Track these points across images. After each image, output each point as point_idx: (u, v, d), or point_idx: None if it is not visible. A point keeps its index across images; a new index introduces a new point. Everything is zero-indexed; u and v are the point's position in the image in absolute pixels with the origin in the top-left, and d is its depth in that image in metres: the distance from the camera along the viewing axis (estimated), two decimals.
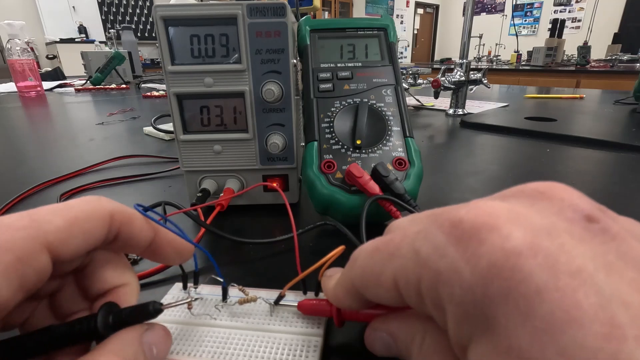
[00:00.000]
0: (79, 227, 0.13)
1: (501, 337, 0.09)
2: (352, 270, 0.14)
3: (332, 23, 0.35)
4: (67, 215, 0.13)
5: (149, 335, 0.14)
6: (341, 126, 0.31)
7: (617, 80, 2.45)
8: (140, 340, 0.14)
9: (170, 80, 0.30)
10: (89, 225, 0.14)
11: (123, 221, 0.15)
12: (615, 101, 0.91)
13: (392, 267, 0.12)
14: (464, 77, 0.79)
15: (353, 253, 0.15)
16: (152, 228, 0.16)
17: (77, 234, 0.13)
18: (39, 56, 3.41)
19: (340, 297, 0.16)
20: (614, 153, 0.51)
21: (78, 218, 0.14)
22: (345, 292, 0.15)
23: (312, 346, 0.17)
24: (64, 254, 0.13)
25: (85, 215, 0.14)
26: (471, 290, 0.09)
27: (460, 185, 0.41)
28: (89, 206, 0.14)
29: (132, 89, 1.42)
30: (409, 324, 0.14)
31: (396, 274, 0.12)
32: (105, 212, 0.14)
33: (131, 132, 0.68)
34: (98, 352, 0.13)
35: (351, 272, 0.14)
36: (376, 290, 0.13)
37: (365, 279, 0.13)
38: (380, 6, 5.86)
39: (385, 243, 0.13)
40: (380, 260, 0.13)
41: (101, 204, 0.15)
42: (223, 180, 0.33)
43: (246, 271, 0.25)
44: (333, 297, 0.16)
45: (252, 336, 0.18)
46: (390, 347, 0.15)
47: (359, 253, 0.14)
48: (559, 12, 5.06)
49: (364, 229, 0.24)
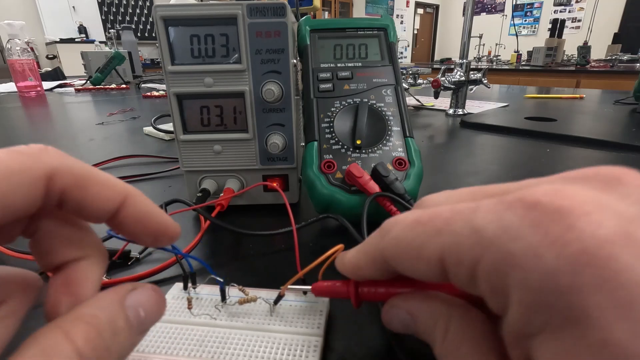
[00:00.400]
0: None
1: (594, 330, 0.08)
2: (383, 240, 0.14)
3: (332, 23, 0.35)
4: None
5: (133, 296, 0.12)
6: (341, 126, 0.31)
7: (617, 80, 2.45)
8: (121, 303, 0.12)
9: (170, 80, 0.30)
10: (7, 188, 0.10)
11: (69, 185, 0.12)
12: (615, 101, 0.91)
13: (438, 242, 0.11)
14: (464, 77, 0.79)
15: (384, 224, 0.14)
16: (117, 197, 0.12)
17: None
18: (39, 56, 3.41)
19: (361, 266, 0.15)
20: (614, 153, 0.51)
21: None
22: (370, 261, 0.14)
23: (312, 346, 0.17)
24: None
25: (6, 173, 0.10)
26: (554, 277, 0.09)
27: (460, 185, 0.41)
28: (16, 162, 0.11)
29: (132, 89, 1.42)
30: (432, 305, 0.14)
31: (444, 250, 0.11)
32: (40, 172, 0.11)
33: (131, 132, 0.68)
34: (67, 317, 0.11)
35: (382, 242, 0.14)
36: (414, 264, 0.12)
37: (402, 251, 0.13)
38: (380, 6, 5.86)
39: (430, 217, 0.12)
40: (422, 234, 0.12)
41: (40, 160, 0.11)
42: (223, 180, 0.33)
43: (246, 271, 0.25)
44: (352, 267, 0.16)
45: (252, 336, 0.18)
46: (409, 326, 0.14)
47: (394, 224, 0.13)
48: (559, 12, 5.06)
49: (365, 226, 0.24)
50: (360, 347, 0.18)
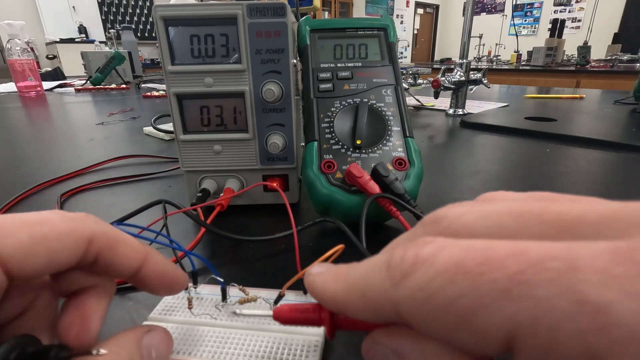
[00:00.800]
0: (45, 246, 0.12)
1: None
2: (397, 288, 0.10)
3: (332, 23, 0.35)
4: (35, 231, 0.12)
5: (149, 338, 0.14)
6: (341, 126, 0.31)
7: (617, 80, 2.45)
8: (138, 343, 0.13)
9: (170, 80, 0.30)
10: (58, 246, 0.12)
11: (104, 246, 0.13)
12: (615, 101, 0.91)
13: (508, 312, 0.08)
14: (464, 77, 0.79)
15: (396, 258, 0.10)
16: (140, 257, 0.14)
17: (41, 254, 0.12)
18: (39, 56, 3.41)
19: (351, 306, 0.11)
20: (614, 153, 0.51)
21: (47, 237, 0.12)
22: (371, 307, 0.11)
23: (312, 346, 0.17)
24: (21, 271, 0.12)
25: (57, 234, 0.12)
26: None
27: (460, 185, 0.41)
28: (66, 225, 0.13)
29: (132, 89, 1.42)
30: (425, 345, 0.11)
31: (520, 326, 0.08)
32: (83, 235, 0.13)
33: (131, 132, 0.68)
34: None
35: (396, 291, 0.10)
36: (454, 333, 0.09)
37: (433, 313, 0.09)
38: (380, 6, 5.86)
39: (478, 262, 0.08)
40: (474, 293, 0.08)
41: (83, 224, 0.13)
42: (223, 180, 0.33)
43: (246, 271, 0.25)
44: (336, 303, 0.12)
45: (253, 336, 0.18)
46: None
47: (413, 263, 0.09)
48: (559, 12, 5.06)
49: (364, 229, 0.24)
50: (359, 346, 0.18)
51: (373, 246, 0.18)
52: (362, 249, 0.22)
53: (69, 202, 0.37)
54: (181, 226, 0.31)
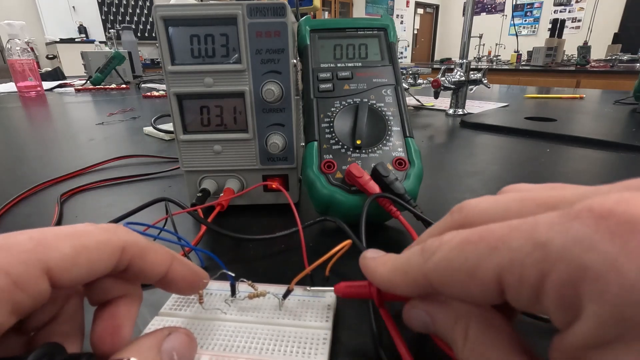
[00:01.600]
0: (86, 256, 0.13)
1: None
2: (427, 262, 0.13)
3: (332, 23, 0.35)
4: (76, 243, 0.13)
5: (170, 341, 0.14)
6: (341, 126, 0.31)
7: (617, 80, 2.45)
8: (158, 347, 0.14)
9: (170, 80, 0.30)
10: (96, 256, 0.13)
11: (135, 254, 0.15)
12: (615, 101, 0.92)
13: (495, 261, 0.11)
14: (464, 77, 0.79)
15: (426, 244, 0.14)
16: (167, 262, 0.16)
17: (82, 264, 0.13)
18: (39, 56, 3.41)
19: (397, 285, 0.15)
20: (614, 153, 0.51)
21: (87, 247, 0.13)
22: (411, 282, 0.14)
23: (321, 339, 0.17)
24: (64, 281, 0.13)
25: (96, 245, 0.13)
26: (635, 290, 0.09)
27: (460, 185, 0.41)
28: (102, 236, 0.14)
29: (132, 89, 1.42)
30: (450, 307, 0.14)
31: (503, 269, 0.11)
32: (117, 244, 0.14)
33: (131, 132, 0.68)
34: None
35: (426, 264, 0.13)
36: (465, 287, 0.12)
37: (451, 274, 0.12)
38: (380, 6, 5.86)
39: (481, 235, 0.12)
40: (474, 254, 0.11)
41: (117, 235, 0.14)
42: (223, 180, 0.33)
43: (247, 270, 0.25)
44: (385, 283, 0.15)
45: (262, 330, 0.18)
46: (428, 327, 0.15)
47: (439, 245, 0.13)
48: (559, 12, 5.06)
49: (364, 228, 0.24)
50: (368, 339, 0.19)
51: (373, 246, 0.18)
52: (362, 248, 0.22)
53: (69, 202, 0.37)
54: (181, 226, 0.31)
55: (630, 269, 0.09)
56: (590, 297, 0.09)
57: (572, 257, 0.09)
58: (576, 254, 0.09)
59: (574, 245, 0.09)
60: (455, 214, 0.15)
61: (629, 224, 0.09)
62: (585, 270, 0.09)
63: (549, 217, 0.10)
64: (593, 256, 0.09)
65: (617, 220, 0.09)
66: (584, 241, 0.09)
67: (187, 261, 0.17)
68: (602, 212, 0.10)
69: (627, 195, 0.10)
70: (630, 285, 0.09)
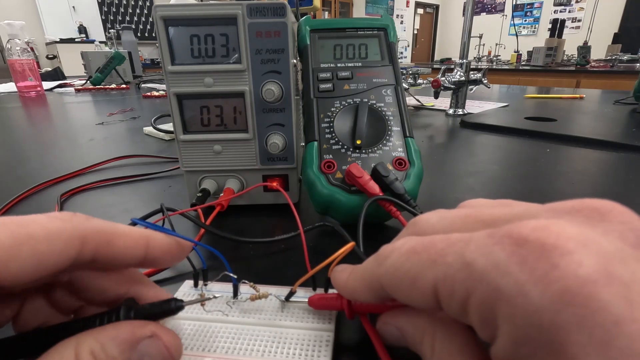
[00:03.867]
0: (30, 247, 0.11)
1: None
2: (380, 267, 0.14)
3: (332, 23, 0.35)
4: (17, 232, 0.11)
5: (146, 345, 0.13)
6: (341, 126, 0.31)
7: (617, 80, 2.45)
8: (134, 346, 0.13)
9: (170, 80, 0.30)
10: (46, 247, 0.12)
11: (101, 242, 0.13)
12: (615, 101, 0.91)
13: (433, 273, 0.12)
14: (464, 77, 0.79)
15: (381, 250, 0.14)
16: (141, 244, 0.15)
17: (25, 256, 0.11)
18: (39, 56, 3.41)
19: (357, 291, 0.16)
20: (614, 153, 0.51)
21: (32, 237, 0.11)
22: (367, 287, 0.15)
23: (324, 341, 0.17)
24: (4, 276, 0.11)
25: (44, 234, 0.12)
26: (538, 314, 0.09)
27: (460, 185, 0.41)
28: (52, 224, 0.12)
29: (132, 89, 1.42)
30: (416, 321, 0.15)
31: (438, 282, 0.12)
32: (73, 234, 0.12)
33: (131, 132, 0.68)
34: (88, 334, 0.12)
35: (379, 269, 0.14)
36: (408, 293, 0.13)
37: (398, 280, 0.13)
38: (380, 6, 5.86)
39: (425, 246, 0.12)
40: (418, 264, 0.12)
41: (72, 223, 0.13)
42: (223, 180, 0.33)
43: (246, 271, 0.25)
44: (349, 291, 0.16)
45: (264, 332, 0.18)
46: (400, 340, 0.15)
47: (391, 251, 0.14)
48: (559, 12, 5.06)
49: (361, 230, 0.24)
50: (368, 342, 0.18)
51: (373, 246, 0.18)
52: (359, 251, 0.22)
53: (69, 202, 0.37)
54: (181, 227, 0.31)
55: (535, 294, 0.09)
56: (504, 318, 0.10)
57: (489, 280, 0.10)
58: (493, 278, 0.10)
59: (492, 269, 0.10)
60: (410, 228, 0.16)
61: (538, 252, 0.10)
62: (499, 293, 0.10)
63: (480, 237, 0.11)
64: (506, 281, 0.10)
65: (529, 247, 0.10)
66: (500, 266, 0.10)
67: (165, 236, 0.16)
68: (518, 239, 0.10)
69: (544, 222, 0.11)
70: (535, 310, 0.09)
